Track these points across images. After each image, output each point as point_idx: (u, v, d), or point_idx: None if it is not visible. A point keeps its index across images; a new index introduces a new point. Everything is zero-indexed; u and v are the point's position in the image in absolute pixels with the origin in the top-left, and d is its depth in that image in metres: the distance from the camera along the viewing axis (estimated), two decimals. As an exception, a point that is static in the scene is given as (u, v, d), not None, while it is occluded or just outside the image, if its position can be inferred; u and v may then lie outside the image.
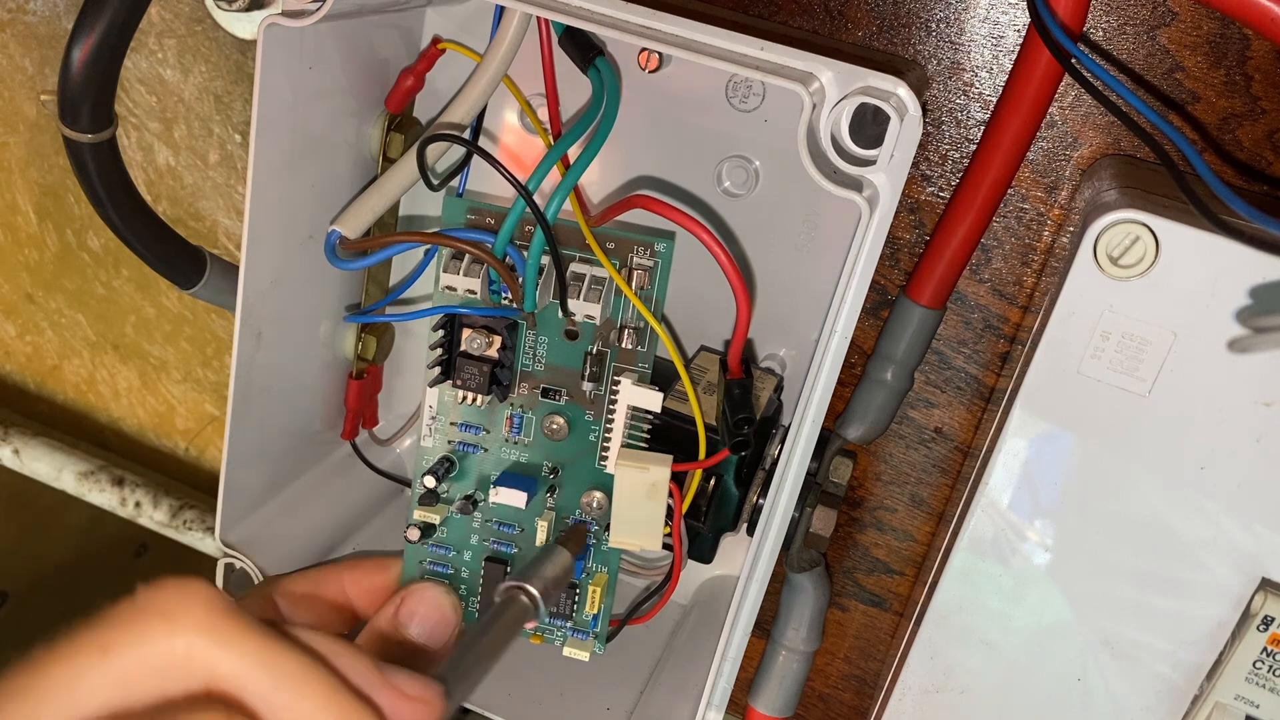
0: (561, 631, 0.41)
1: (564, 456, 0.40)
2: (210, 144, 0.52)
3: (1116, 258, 0.31)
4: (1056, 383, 0.33)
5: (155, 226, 0.45)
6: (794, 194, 0.40)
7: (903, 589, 0.48)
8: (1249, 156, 0.38)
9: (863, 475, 0.47)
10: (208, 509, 0.58)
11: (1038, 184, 0.40)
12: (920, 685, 0.38)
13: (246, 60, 0.50)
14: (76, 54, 0.40)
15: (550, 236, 0.36)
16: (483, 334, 0.38)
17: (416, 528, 0.40)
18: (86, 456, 0.59)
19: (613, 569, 0.40)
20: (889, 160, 0.31)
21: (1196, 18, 0.37)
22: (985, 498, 0.35)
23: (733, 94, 0.39)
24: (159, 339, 0.59)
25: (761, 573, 0.36)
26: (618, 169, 0.42)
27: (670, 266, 0.37)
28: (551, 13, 0.32)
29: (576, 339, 0.38)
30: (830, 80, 0.31)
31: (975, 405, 0.44)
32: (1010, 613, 0.36)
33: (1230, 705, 0.34)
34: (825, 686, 0.52)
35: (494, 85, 0.39)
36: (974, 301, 0.42)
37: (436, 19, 0.42)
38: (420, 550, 0.41)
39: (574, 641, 0.41)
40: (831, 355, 0.33)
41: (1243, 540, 0.33)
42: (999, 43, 0.39)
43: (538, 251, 0.36)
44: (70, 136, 0.42)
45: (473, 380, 0.38)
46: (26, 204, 0.58)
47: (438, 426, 0.40)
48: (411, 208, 0.45)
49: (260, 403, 0.41)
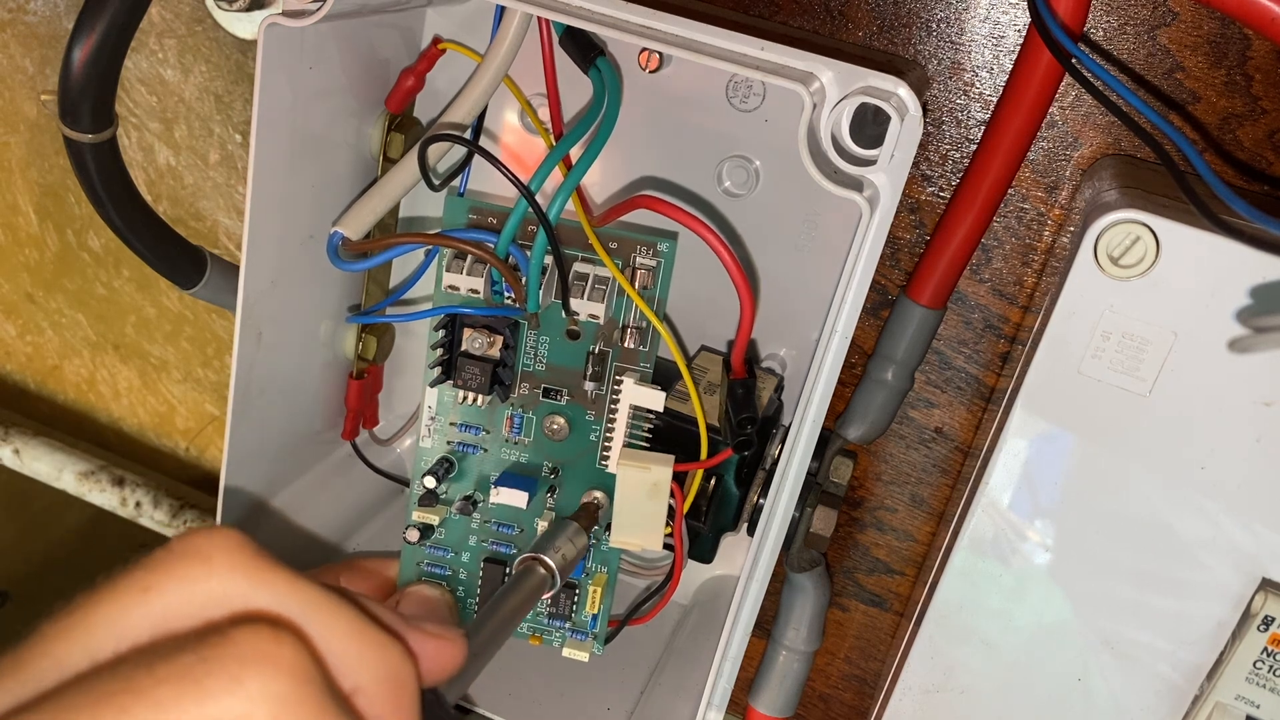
0: (560, 632, 0.41)
1: (564, 457, 0.40)
2: (210, 144, 0.52)
3: (1117, 258, 0.31)
4: (1057, 383, 0.33)
5: (156, 226, 0.45)
6: (794, 194, 0.40)
7: (903, 589, 0.48)
8: (1249, 156, 0.38)
9: (863, 475, 0.47)
10: (208, 509, 0.58)
11: (1038, 184, 0.40)
12: (920, 685, 0.38)
13: (247, 60, 0.50)
14: (77, 54, 0.40)
15: (553, 236, 0.36)
16: (484, 334, 0.38)
17: (415, 529, 0.40)
18: (87, 456, 0.59)
19: (612, 569, 0.40)
20: (889, 160, 0.31)
21: (1197, 18, 0.37)
22: (985, 498, 0.35)
23: (733, 94, 0.39)
24: (159, 339, 0.59)
25: (762, 573, 0.36)
26: (618, 169, 0.42)
27: (673, 266, 0.37)
28: (552, 13, 0.32)
29: (578, 339, 0.38)
30: (831, 80, 0.31)
31: (975, 405, 0.44)
32: (1010, 612, 0.36)
33: (1230, 705, 0.34)
34: (825, 686, 0.52)
35: (494, 85, 0.39)
36: (974, 301, 0.42)
37: (437, 19, 0.42)
38: (418, 552, 0.41)
39: (573, 642, 0.41)
40: (832, 355, 0.33)
41: (1243, 540, 0.33)
42: (999, 43, 0.39)
43: (540, 251, 0.36)
44: (71, 136, 0.42)
45: (474, 380, 0.38)
46: (27, 204, 0.58)
47: (437, 427, 0.40)
48: (412, 208, 0.45)
49: (260, 403, 0.41)
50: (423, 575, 0.41)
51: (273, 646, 0.19)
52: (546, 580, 0.34)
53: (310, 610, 0.21)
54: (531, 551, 0.35)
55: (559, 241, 0.37)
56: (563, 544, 0.36)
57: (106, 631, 0.20)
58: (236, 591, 0.21)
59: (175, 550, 0.21)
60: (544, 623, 0.41)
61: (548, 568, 0.34)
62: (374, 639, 0.22)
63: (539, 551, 0.35)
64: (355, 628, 0.22)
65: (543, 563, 0.34)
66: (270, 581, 0.21)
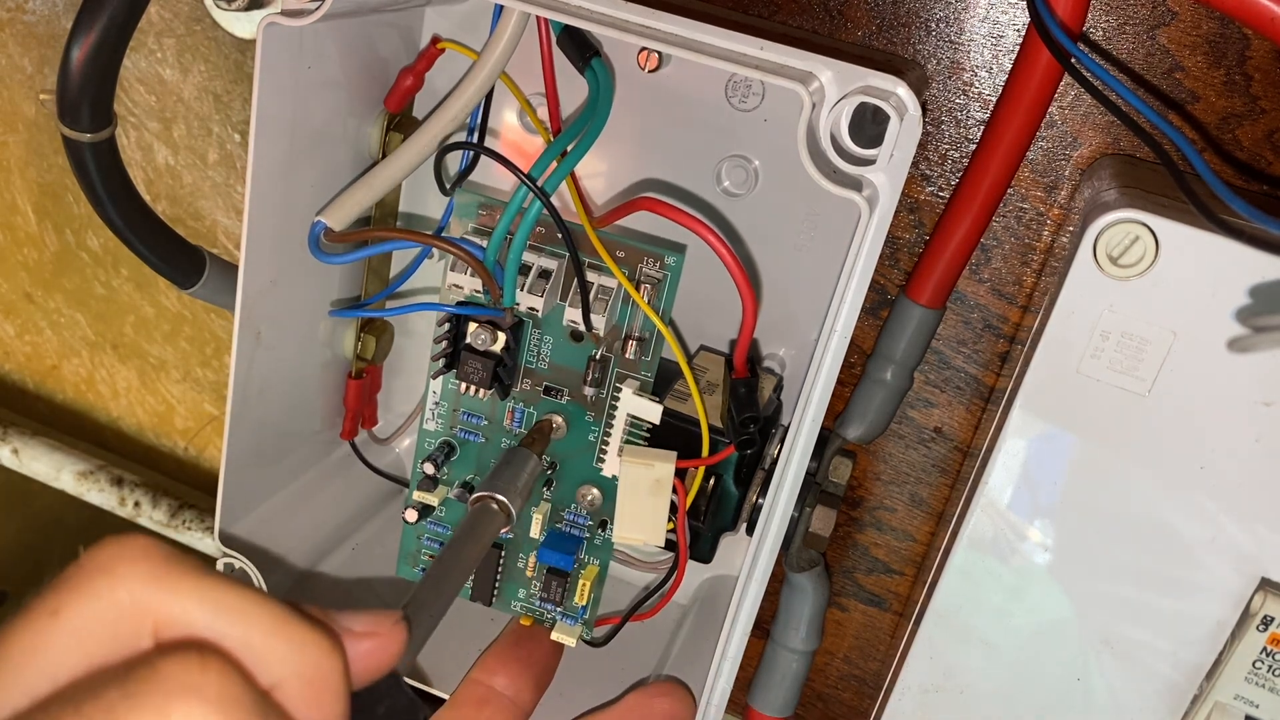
0: (551, 615, 0.42)
1: (562, 453, 0.40)
2: (209, 143, 0.52)
3: (1116, 257, 0.31)
4: (1056, 382, 0.33)
5: (154, 226, 0.45)
6: (794, 194, 0.40)
7: (902, 589, 0.48)
8: (1249, 156, 0.38)
9: (862, 475, 0.47)
10: (207, 509, 0.58)
11: (1037, 184, 0.40)
12: (920, 685, 0.38)
13: (246, 59, 0.50)
14: (75, 53, 0.40)
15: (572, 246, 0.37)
16: (488, 329, 0.38)
17: (414, 509, 0.41)
18: (85, 456, 0.59)
19: (604, 562, 0.41)
20: (889, 160, 0.31)
21: (1196, 17, 0.37)
22: (985, 497, 0.35)
23: (732, 94, 0.39)
24: (158, 338, 0.59)
25: (761, 572, 0.36)
26: (617, 169, 0.42)
27: (679, 280, 0.38)
28: (551, 12, 0.32)
29: (581, 340, 0.39)
30: (830, 80, 0.31)
31: (975, 405, 0.44)
32: (1010, 612, 0.36)
33: (1230, 705, 0.34)
34: (825, 686, 0.52)
35: (489, 84, 0.39)
36: (973, 301, 0.42)
37: (436, 18, 0.42)
38: (418, 529, 0.42)
39: (562, 626, 0.41)
40: (831, 355, 0.33)
41: (1243, 540, 0.33)
42: (999, 42, 0.39)
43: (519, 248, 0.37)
44: (69, 136, 0.42)
45: (475, 374, 0.39)
46: (25, 203, 0.58)
47: (441, 412, 0.41)
48: (411, 205, 0.45)
49: (259, 402, 0.41)
50: (423, 552, 0.42)
51: (198, 676, 0.19)
52: (499, 517, 0.34)
53: (223, 611, 0.21)
54: (485, 490, 0.35)
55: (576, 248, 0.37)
56: (514, 477, 0.36)
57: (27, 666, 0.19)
58: (146, 600, 0.20)
59: (81, 566, 0.20)
60: (535, 605, 0.42)
61: (502, 504, 0.34)
62: (292, 634, 0.21)
63: (492, 490, 0.35)
64: (273, 625, 0.21)
65: (497, 500, 0.34)
66: (178, 586, 0.20)
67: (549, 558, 0.40)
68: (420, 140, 0.39)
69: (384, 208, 0.43)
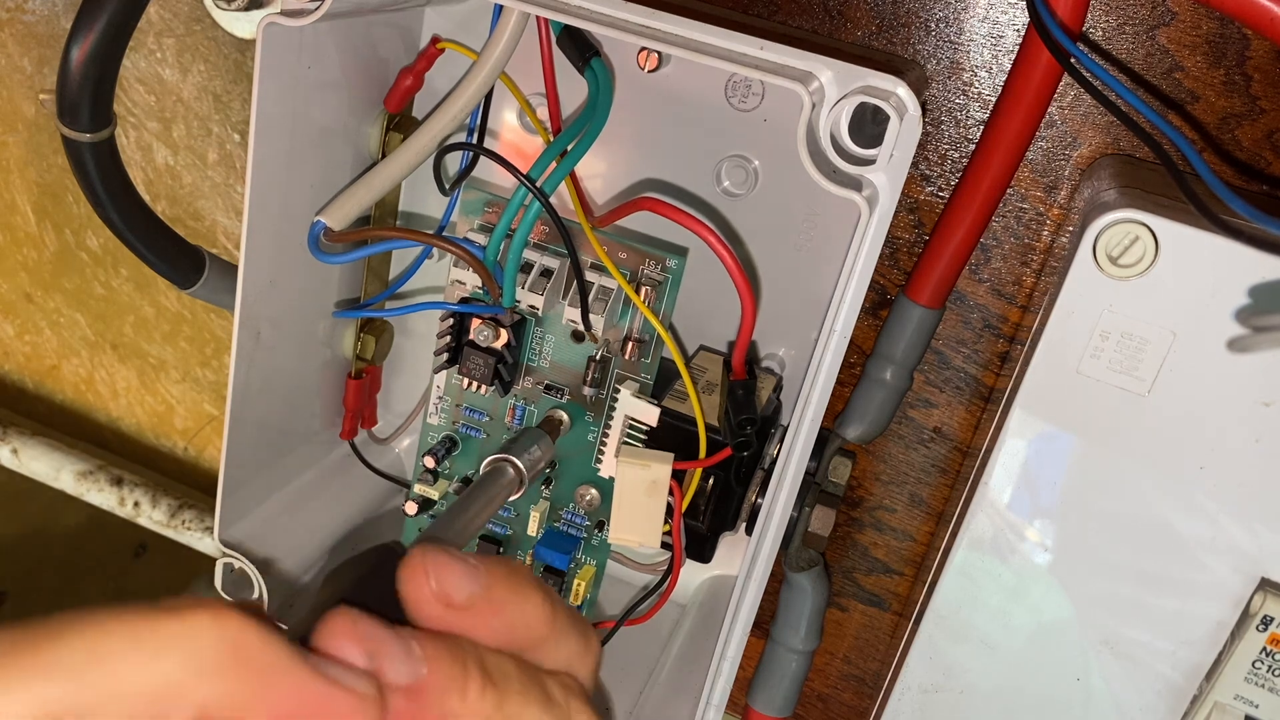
0: None
1: (562, 452, 0.40)
2: (209, 143, 0.52)
3: (1116, 257, 0.31)
4: (1056, 382, 0.33)
5: (154, 226, 0.45)
6: (793, 193, 0.40)
7: (902, 589, 0.48)
8: (1248, 156, 0.38)
9: (862, 475, 0.47)
10: (206, 509, 0.58)
11: (1037, 184, 0.40)
12: (920, 685, 0.38)
13: (245, 59, 0.50)
14: (75, 53, 0.40)
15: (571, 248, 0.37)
16: (490, 326, 0.38)
17: (415, 502, 0.41)
18: (85, 456, 0.59)
19: (601, 564, 0.41)
20: (888, 160, 0.31)
21: (1196, 17, 0.37)
22: (985, 497, 0.35)
23: (732, 94, 0.39)
24: (158, 339, 0.59)
25: (760, 572, 0.36)
26: (617, 169, 0.42)
27: (680, 283, 0.38)
28: (551, 12, 0.32)
29: (582, 340, 0.39)
30: (830, 80, 0.31)
31: (975, 405, 0.44)
32: (1010, 612, 0.36)
33: (1229, 705, 0.34)
34: (824, 686, 0.52)
35: (489, 84, 0.39)
36: (973, 301, 0.42)
37: (436, 18, 0.42)
38: (419, 522, 0.42)
39: None
40: (831, 355, 0.33)
41: (1243, 540, 0.33)
42: (998, 42, 0.39)
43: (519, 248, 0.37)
44: (69, 136, 0.42)
45: (477, 371, 0.39)
46: (25, 203, 0.58)
47: (444, 407, 0.41)
48: (411, 205, 0.45)
49: (259, 402, 0.41)
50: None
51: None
52: (514, 482, 0.35)
53: None
54: (502, 454, 0.35)
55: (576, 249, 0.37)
56: (532, 449, 0.36)
57: None
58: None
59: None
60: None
61: (517, 469, 0.35)
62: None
63: (508, 454, 0.35)
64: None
65: (512, 464, 0.35)
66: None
67: (545, 556, 0.40)
68: (420, 140, 0.39)
69: (384, 207, 0.43)
